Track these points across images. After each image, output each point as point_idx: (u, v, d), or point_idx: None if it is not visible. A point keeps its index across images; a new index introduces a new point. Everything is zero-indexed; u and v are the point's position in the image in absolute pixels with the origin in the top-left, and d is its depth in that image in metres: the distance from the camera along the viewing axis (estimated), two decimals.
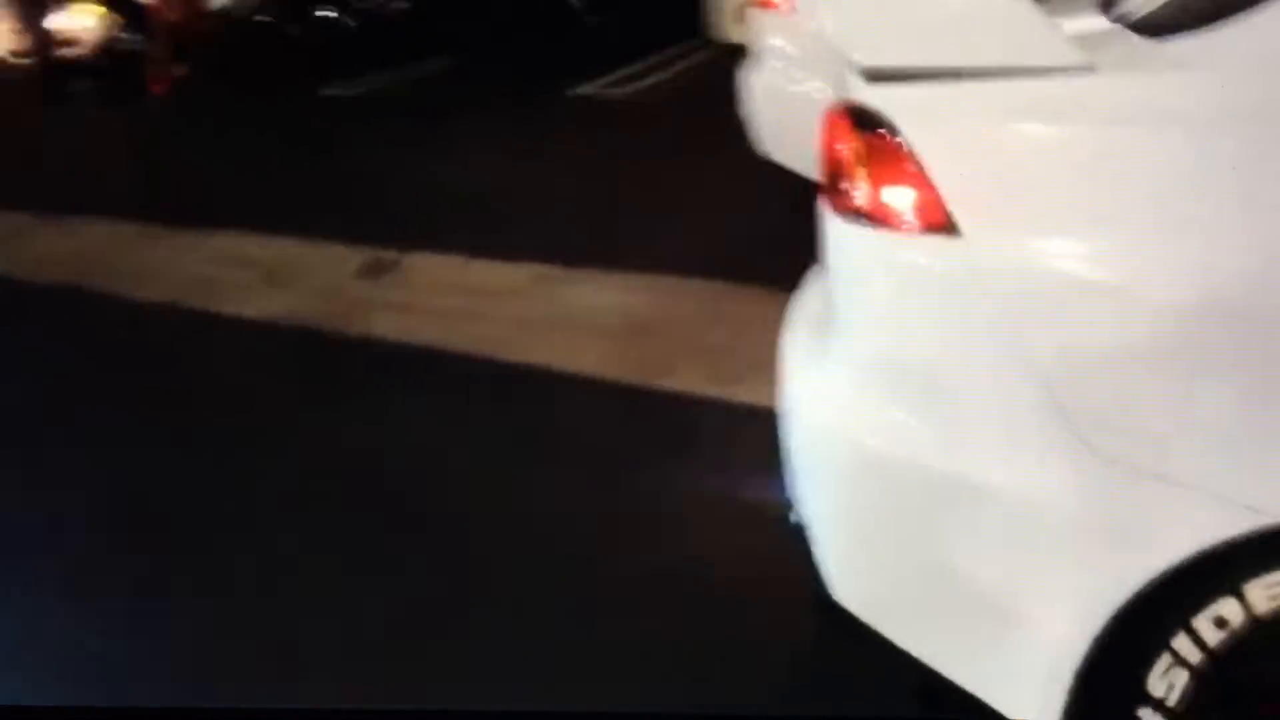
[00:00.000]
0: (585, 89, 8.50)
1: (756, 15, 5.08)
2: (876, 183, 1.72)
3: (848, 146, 1.77)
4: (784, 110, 4.75)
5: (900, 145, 1.66)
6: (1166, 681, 1.59)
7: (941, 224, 1.63)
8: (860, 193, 1.75)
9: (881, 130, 1.70)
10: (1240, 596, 1.51)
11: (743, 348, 3.98)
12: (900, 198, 1.69)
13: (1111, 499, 1.55)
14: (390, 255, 5.28)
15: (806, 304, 2.28)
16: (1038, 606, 1.64)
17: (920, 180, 1.65)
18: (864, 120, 1.75)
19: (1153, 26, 1.69)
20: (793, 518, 1.96)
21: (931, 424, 1.69)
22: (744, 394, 3.64)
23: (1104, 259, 1.55)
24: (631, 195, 5.94)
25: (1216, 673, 1.56)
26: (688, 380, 3.84)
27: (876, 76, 1.73)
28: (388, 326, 4.51)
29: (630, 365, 3.98)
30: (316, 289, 5.02)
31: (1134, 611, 1.56)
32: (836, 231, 1.83)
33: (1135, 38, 1.69)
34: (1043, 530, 1.61)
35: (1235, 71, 1.53)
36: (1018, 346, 1.58)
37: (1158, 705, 1.61)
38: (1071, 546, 1.59)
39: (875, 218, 1.73)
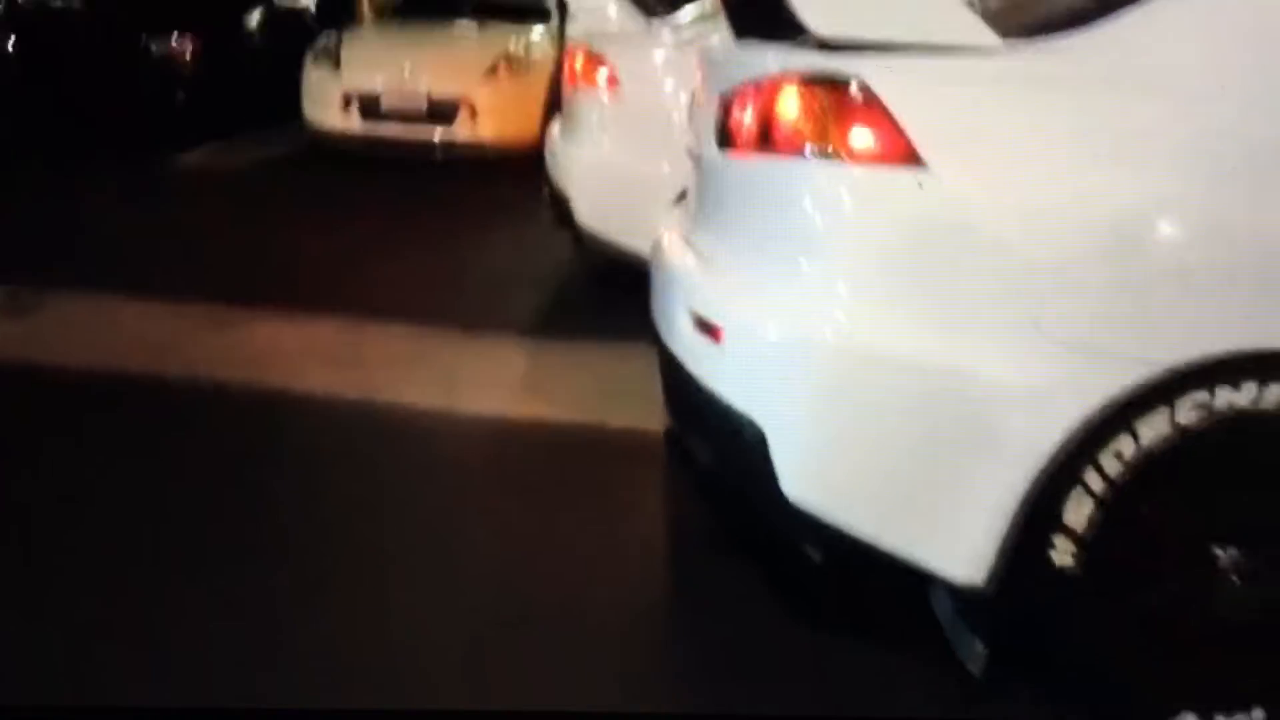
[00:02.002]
0: (185, 159, 8.22)
1: (576, 91, 5.26)
2: (842, 127, 2.14)
3: (810, 102, 2.18)
4: (607, 184, 4.99)
5: (869, 94, 2.10)
6: (1077, 511, 2.09)
7: (908, 158, 2.08)
8: (822, 137, 2.16)
9: (847, 85, 2.13)
10: (1133, 433, 2.06)
11: (459, 373, 4.19)
12: (865, 137, 2.12)
13: (1045, 368, 2.04)
14: (28, 293, 4.82)
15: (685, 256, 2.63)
16: (984, 470, 2.08)
17: (886, 123, 2.09)
18: (822, 80, 2.17)
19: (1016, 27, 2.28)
20: (747, 432, 2.23)
21: (896, 324, 2.11)
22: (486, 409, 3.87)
23: (1031, 186, 2.08)
24: (278, 252, 5.86)
25: (1114, 498, 2.08)
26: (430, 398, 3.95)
27: (835, 46, 2.17)
28: (47, 358, 4.13)
29: (360, 386, 4.00)
30: None
31: (1057, 457, 2.06)
32: (789, 172, 2.22)
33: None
34: (992, 403, 2.07)
35: (1100, 56, 2.15)
36: (975, 254, 2.06)
37: (1068, 532, 2.10)
38: (1015, 411, 2.07)
39: (838, 156, 2.15)
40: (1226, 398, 2.04)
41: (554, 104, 7.03)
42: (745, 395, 2.27)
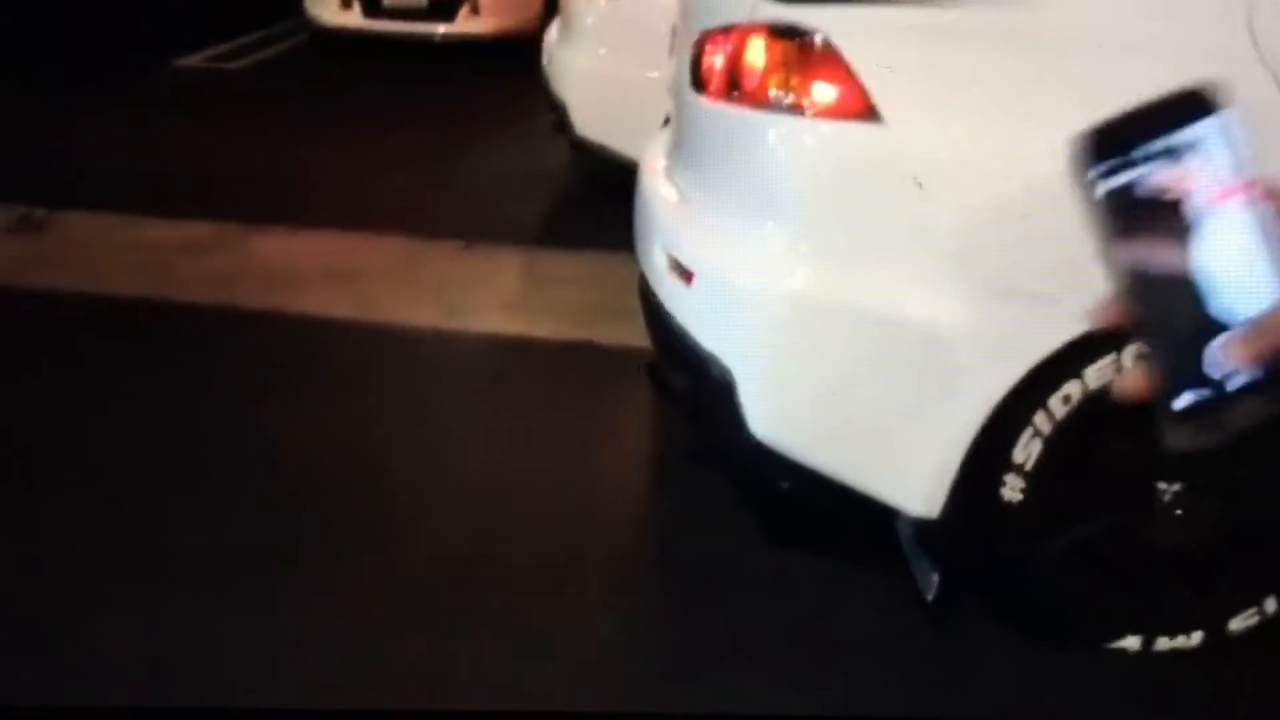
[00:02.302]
0: (190, 61, 8.18)
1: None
2: (804, 81, 2.18)
3: (774, 53, 2.22)
4: (604, 91, 4.99)
5: (830, 49, 2.14)
6: (1026, 451, 2.20)
7: (864, 112, 2.13)
8: (786, 90, 2.21)
9: (810, 39, 2.17)
10: (1080, 378, 2.15)
11: (455, 290, 4.28)
12: (826, 92, 2.16)
13: (1000, 318, 2.12)
14: (40, 212, 4.90)
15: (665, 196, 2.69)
16: (940, 414, 2.18)
17: (846, 78, 2.14)
18: (786, 32, 2.21)
19: None
20: (716, 372, 2.33)
21: (857, 274, 2.18)
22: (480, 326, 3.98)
23: (982, 139, 2.13)
24: (278, 162, 5.91)
25: (1060, 438, 2.18)
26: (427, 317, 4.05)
27: None
28: (61, 280, 4.23)
29: (357, 306, 4.10)
30: None
31: (1009, 400, 2.15)
32: (755, 123, 2.27)
33: None
34: (947, 350, 2.15)
35: (1056, 10, 2.17)
36: (932, 207, 2.12)
37: (1018, 470, 2.21)
38: (968, 358, 2.16)
39: (800, 109, 2.19)
40: None
41: None
42: (714, 337, 2.36)
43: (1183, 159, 0.65)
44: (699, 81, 2.53)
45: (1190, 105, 0.65)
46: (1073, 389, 2.16)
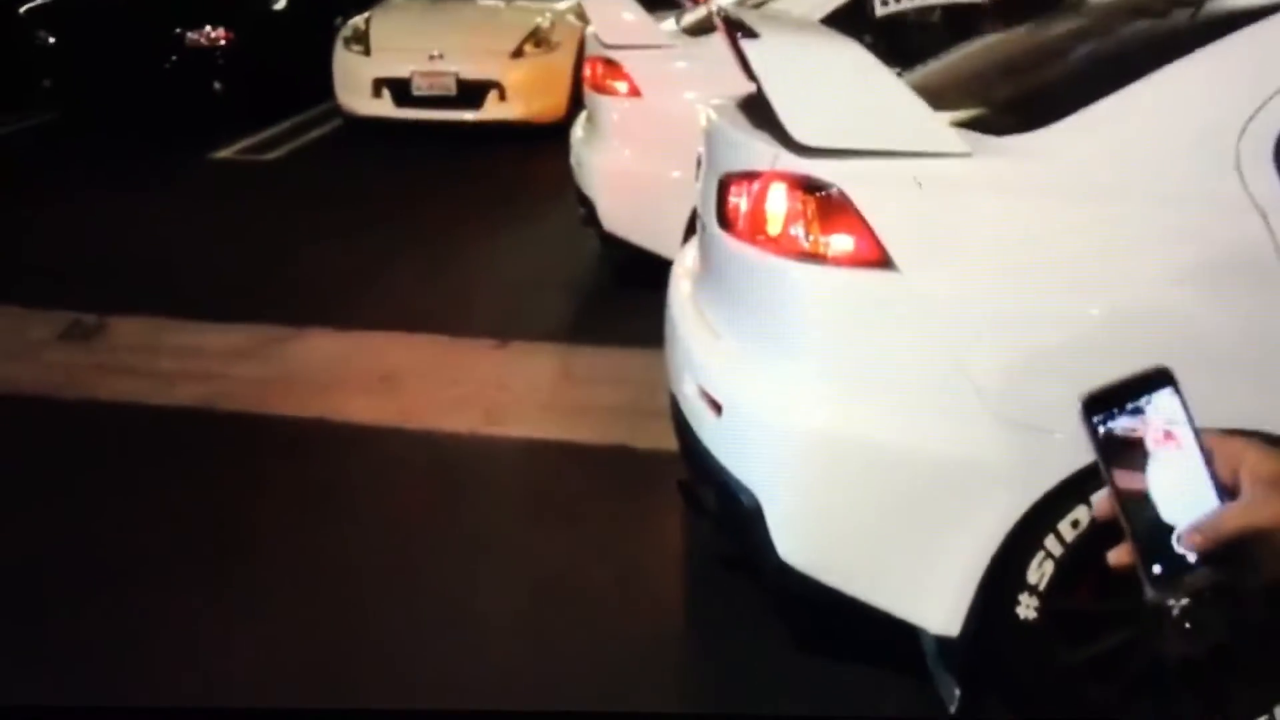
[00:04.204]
0: (223, 154, 8.55)
1: (597, 99, 5.50)
2: (823, 231, 2.41)
3: (795, 204, 2.45)
4: (632, 190, 5.26)
5: (847, 202, 2.37)
6: (1039, 572, 2.38)
7: (879, 260, 2.35)
8: (806, 239, 2.43)
9: (827, 192, 2.40)
10: (1088, 503, 2.33)
11: (492, 391, 4.50)
12: (844, 242, 2.39)
13: (1011, 450, 2.32)
14: (91, 319, 5.19)
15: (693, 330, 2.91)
16: (956, 539, 2.38)
17: (862, 229, 2.36)
18: (806, 184, 2.43)
19: (992, 126, 2.53)
20: (745, 500, 2.54)
21: (876, 410, 2.39)
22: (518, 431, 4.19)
23: (992, 284, 2.34)
24: (316, 258, 6.18)
25: (1070, 560, 2.37)
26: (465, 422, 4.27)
27: (818, 153, 2.43)
28: (112, 390, 4.50)
29: (397, 412, 4.32)
30: (13, 355, 4.86)
31: (1022, 526, 2.34)
32: (778, 269, 2.49)
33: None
34: (962, 480, 2.36)
35: (1056, 161, 2.39)
36: (944, 348, 2.33)
37: (1032, 589, 2.39)
38: (982, 488, 2.35)
39: (820, 258, 2.42)
40: None
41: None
42: (743, 467, 2.57)
43: (1145, 414, 0.89)
44: (724, 219, 2.76)
45: (1155, 378, 0.89)
46: (1081, 514, 2.35)
